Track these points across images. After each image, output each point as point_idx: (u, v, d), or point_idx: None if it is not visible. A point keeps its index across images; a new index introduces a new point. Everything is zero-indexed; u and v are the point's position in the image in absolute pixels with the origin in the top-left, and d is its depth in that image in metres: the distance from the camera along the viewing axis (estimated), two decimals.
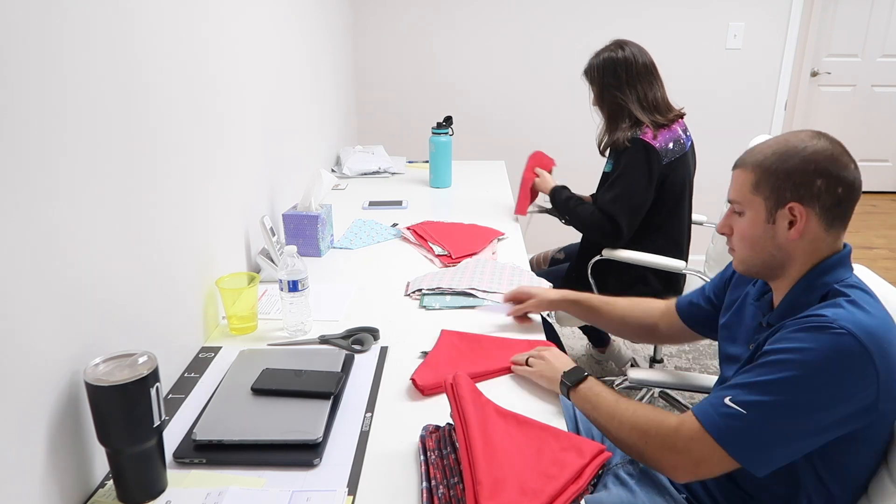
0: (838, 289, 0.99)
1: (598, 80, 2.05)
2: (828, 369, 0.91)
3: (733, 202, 1.08)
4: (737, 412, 0.94)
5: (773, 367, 0.94)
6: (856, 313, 0.93)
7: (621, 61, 2.01)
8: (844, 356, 0.90)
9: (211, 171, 1.41)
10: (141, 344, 1.07)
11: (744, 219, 1.06)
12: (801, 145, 1.00)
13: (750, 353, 1.10)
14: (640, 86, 2.02)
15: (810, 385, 0.91)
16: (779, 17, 3.23)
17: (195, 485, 0.95)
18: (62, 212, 0.88)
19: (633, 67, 2.01)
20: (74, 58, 0.90)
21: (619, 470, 1.24)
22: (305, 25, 2.33)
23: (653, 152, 1.97)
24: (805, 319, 0.96)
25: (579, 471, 0.94)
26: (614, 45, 2.06)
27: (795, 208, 1.00)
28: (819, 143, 1.00)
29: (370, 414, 1.12)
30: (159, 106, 1.16)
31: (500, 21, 3.30)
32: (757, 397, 0.94)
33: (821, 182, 0.98)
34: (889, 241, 4.32)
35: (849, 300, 0.96)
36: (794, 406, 0.92)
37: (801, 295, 1.03)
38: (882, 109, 4.95)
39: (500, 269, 1.68)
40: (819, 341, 0.92)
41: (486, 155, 3.37)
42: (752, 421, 0.94)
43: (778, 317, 1.06)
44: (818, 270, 1.02)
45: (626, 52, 2.02)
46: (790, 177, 0.99)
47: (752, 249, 1.06)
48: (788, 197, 1.00)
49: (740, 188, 1.06)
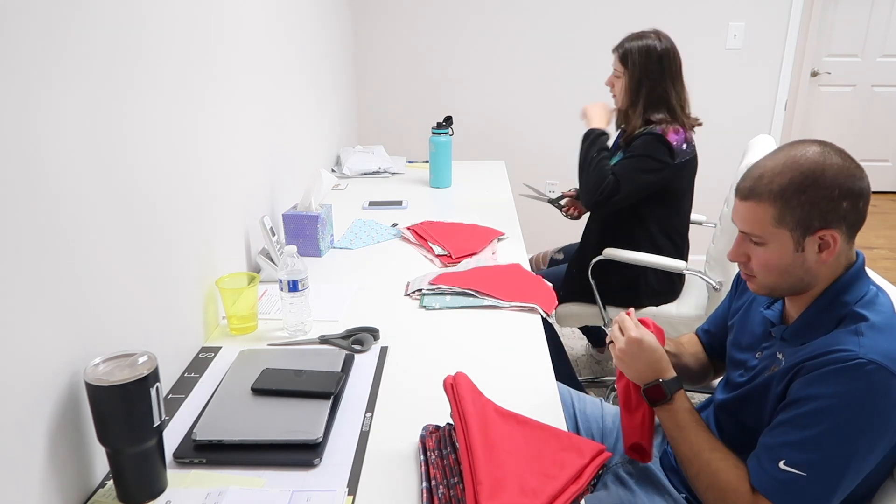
0: (856, 311, 0.97)
1: (640, 65, 1.97)
2: (867, 407, 0.90)
3: (751, 235, 1.02)
4: (796, 476, 0.93)
5: (815, 419, 0.92)
6: (879, 340, 0.92)
7: (665, 53, 1.96)
8: (881, 390, 0.90)
9: (211, 171, 1.41)
10: (141, 344, 1.07)
11: (766, 250, 1.01)
12: (816, 169, 0.95)
13: (759, 364, 1.09)
14: (678, 83, 1.99)
15: (856, 429, 0.91)
16: (779, 17, 3.23)
17: (195, 485, 0.95)
18: (62, 212, 0.88)
19: (675, 63, 1.97)
20: (75, 56, 0.90)
21: (619, 469, 1.24)
22: (305, 25, 2.33)
23: (669, 147, 1.95)
24: (832, 359, 0.93)
25: (579, 471, 0.94)
26: (653, 34, 1.99)
27: (827, 235, 0.97)
28: (831, 159, 0.96)
29: (370, 414, 1.12)
30: (159, 105, 1.16)
31: (501, 21, 3.30)
32: (810, 456, 0.93)
33: (846, 204, 0.95)
34: (889, 241, 4.32)
35: (869, 325, 0.95)
36: (846, 455, 0.92)
37: (818, 315, 1.01)
38: (882, 109, 4.94)
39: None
40: (853, 382, 0.90)
41: (486, 155, 3.37)
42: (812, 480, 0.93)
43: (793, 333, 1.04)
44: (837, 288, 1.00)
45: (666, 45, 1.97)
46: (816, 206, 0.95)
47: (779, 277, 1.02)
48: (817, 225, 0.96)
49: (760, 222, 1.00)
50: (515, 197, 2.47)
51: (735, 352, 1.19)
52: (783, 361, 1.02)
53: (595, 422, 1.39)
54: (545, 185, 3.54)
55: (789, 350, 1.03)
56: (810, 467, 0.93)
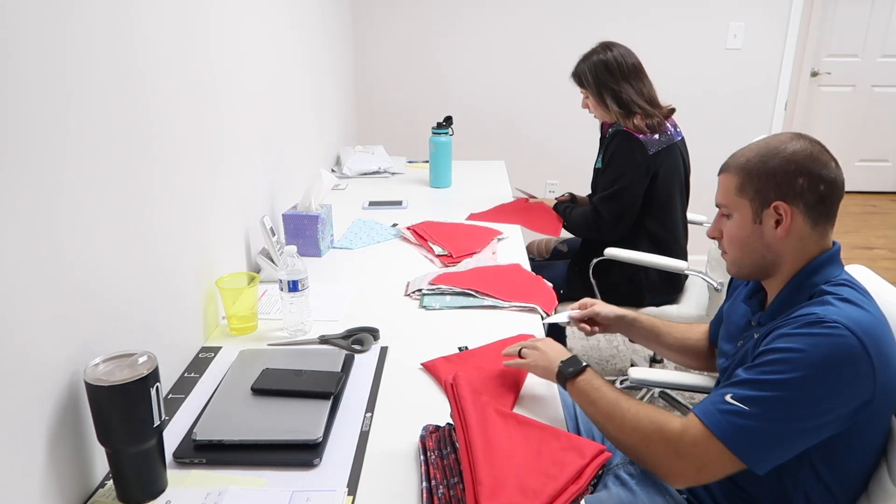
0: (825, 289, 1.00)
1: (593, 81, 2.09)
2: (827, 365, 0.91)
3: (720, 206, 1.11)
4: (739, 409, 0.94)
5: (773, 365, 0.94)
6: (848, 310, 0.95)
7: (611, 61, 2.08)
8: (842, 352, 0.91)
9: (211, 171, 1.41)
10: (141, 344, 1.07)
11: (732, 221, 1.09)
12: (780, 146, 1.03)
13: (738, 351, 1.11)
14: (632, 82, 2.08)
15: (811, 381, 0.92)
16: (779, 17, 3.23)
17: (195, 485, 0.95)
18: (63, 212, 0.88)
19: (623, 66, 2.07)
20: (76, 59, 0.90)
21: (620, 470, 1.24)
22: (305, 25, 2.33)
23: (636, 143, 2.02)
24: (799, 318, 0.96)
25: (579, 471, 0.94)
26: (601, 48, 2.12)
27: (780, 206, 1.02)
28: (798, 143, 1.03)
29: (370, 414, 1.12)
30: (159, 106, 1.16)
31: (501, 21, 3.30)
32: (759, 393, 0.94)
33: (802, 180, 1.01)
34: (889, 241, 4.32)
35: (839, 298, 0.97)
36: (796, 402, 0.92)
37: (790, 295, 1.05)
38: (882, 109, 4.94)
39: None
40: (816, 338, 0.92)
41: (486, 155, 3.37)
42: (755, 417, 0.94)
43: (768, 317, 1.07)
44: (807, 271, 1.04)
45: (614, 53, 2.09)
46: (772, 177, 1.02)
47: (741, 251, 1.09)
48: (772, 196, 1.03)
49: (726, 192, 1.09)
50: (514, 191, 2.47)
51: (722, 343, 1.23)
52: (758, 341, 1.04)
53: None
54: (545, 185, 3.54)
55: (763, 331, 1.05)
56: (754, 402, 0.93)
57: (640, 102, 2.06)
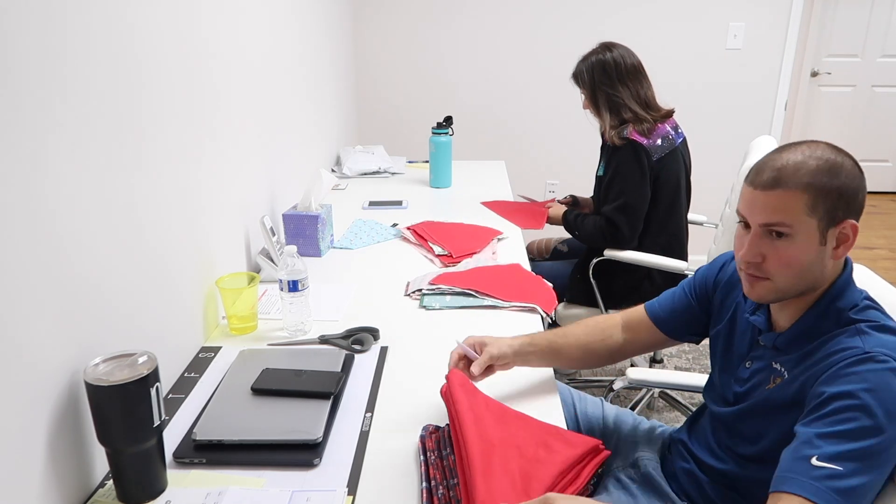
0: (854, 317, 0.96)
1: (588, 81, 2.09)
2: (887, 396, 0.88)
3: (780, 225, 0.96)
4: (833, 470, 0.86)
5: (842, 413, 0.89)
6: (883, 338, 0.92)
7: (610, 62, 2.06)
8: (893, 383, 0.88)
9: (211, 170, 1.40)
10: (141, 344, 1.07)
11: (792, 243, 0.96)
12: (838, 159, 0.95)
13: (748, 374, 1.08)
14: (631, 84, 2.06)
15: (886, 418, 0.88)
16: (779, 17, 3.23)
17: (195, 485, 0.95)
18: (62, 212, 0.88)
19: (621, 67, 2.06)
20: (74, 58, 0.90)
21: (620, 473, 1.23)
22: (305, 25, 2.33)
23: (642, 150, 2.00)
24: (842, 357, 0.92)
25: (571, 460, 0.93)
26: (601, 48, 2.11)
27: (848, 225, 0.95)
28: (844, 156, 0.97)
29: (370, 414, 1.12)
30: (159, 106, 1.16)
31: (501, 21, 3.30)
32: (845, 447, 0.87)
33: (861, 196, 0.96)
34: (889, 241, 4.32)
35: (873, 326, 0.94)
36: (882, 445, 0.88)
37: (816, 322, 1.00)
38: (882, 109, 4.94)
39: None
40: (871, 374, 0.89)
41: (486, 155, 3.37)
42: (852, 472, 0.87)
43: (788, 342, 1.02)
44: (830, 295, 0.99)
45: (613, 54, 2.07)
46: (843, 194, 0.94)
47: (798, 276, 0.97)
48: (841, 215, 0.95)
49: (791, 211, 0.95)
50: (515, 197, 2.47)
51: (723, 359, 1.16)
52: (785, 373, 1.00)
53: (596, 421, 1.38)
54: (545, 185, 3.54)
55: (787, 360, 1.01)
56: (844, 458, 0.87)
57: (633, 106, 2.04)
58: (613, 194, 2.07)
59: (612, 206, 2.06)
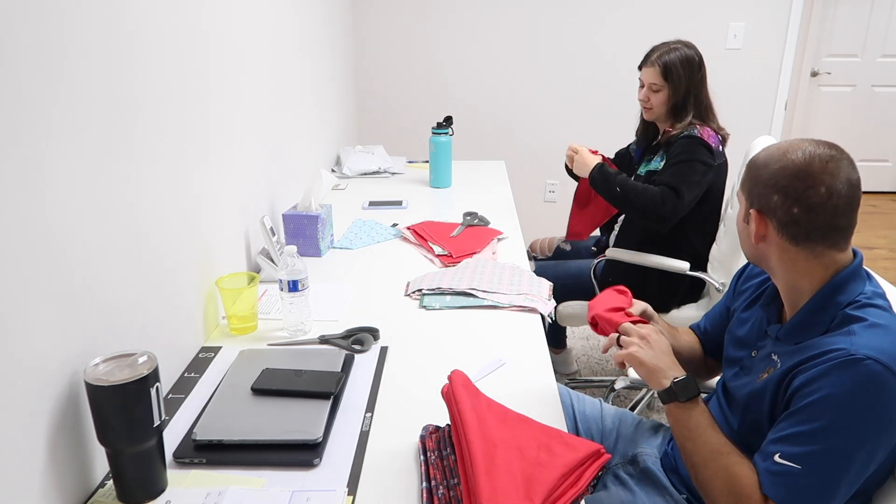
0: (849, 313, 0.97)
1: (685, 77, 1.99)
2: (863, 401, 0.89)
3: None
4: (791, 468, 0.92)
5: (811, 414, 0.92)
6: (871, 338, 0.92)
7: (701, 61, 2.01)
8: (874, 384, 0.89)
9: (211, 171, 1.41)
10: (141, 344, 1.07)
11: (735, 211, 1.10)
12: (776, 154, 1.01)
13: (752, 362, 1.09)
14: (704, 88, 2.04)
15: (851, 422, 0.90)
16: (779, 17, 3.23)
17: (195, 485, 0.95)
18: (62, 212, 0.88)
19: (703, 69, 2.02)
20: (72, 57, 0.90)
21: (619, 470, 1.24)
22: (305, 25, 2.33)
23: (709, 148, 1.97)
24: (827, 357, 0.93)
25: (573, 464, 0.93)
26: (681, 45, 2.03)
27: (752, 214, 1.03)
28: (795, 156, 0.98)
29: (370, 414, 1.12)
30: (158, 105, 1.16)
31: (501, 21, 3.30)
32: (805, 448, 0.92)
33: (777, 198, 0.99)
34: (889, 241, 4.32)
35: (864, 325, 0.94)
36: (843, 448, 0.91)
37: (811, 315, 1.01)
38: (882, 109, 4.94)
39: (500, 268, 1.68)
40: (847, 376, 0.90)
41: (486, 155, 3.37)
42: (807, 474, 0.92)
43: (787, 333, 1.04)
44: (829, 288, 1.00)
45: (698, 52, 2.02)
46: (756, 184, 1.03)
47: (740, 240, 1.12)
48: (753, 203, 1.04)
49: (741, 183, 1.09)
50: (515, 197, 2.47)
51: (731, 349, 1.19)
52: (779, 364, 1.02)
53: (595, 422, 1.38)
54: (545, 184, 3.54)
55: (783, 350, 1.03)
56: (803, 459, 0.92)
57: (713, 109, 2.01)
58: (680, 173, 1.94)
59: (674, 176, 1.94)
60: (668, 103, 2.03)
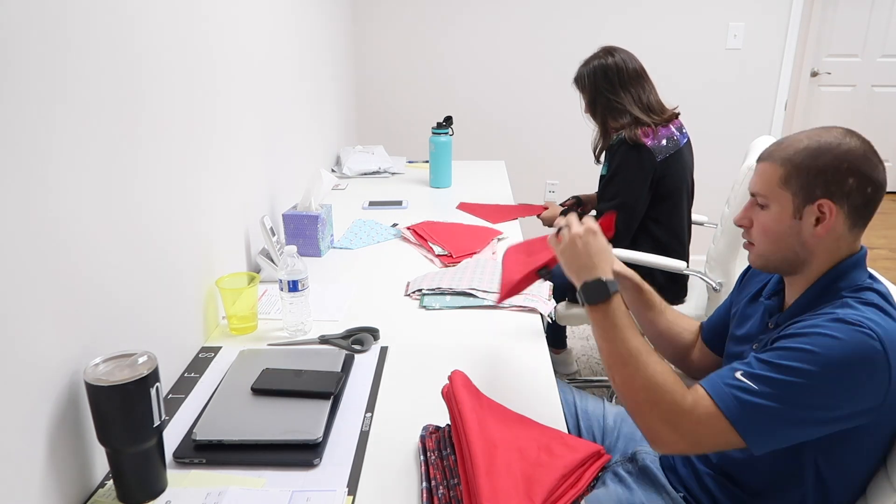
0: (847, 295, 0.97)
1: (589, 86, 2.10)
2: (847, 366, 0.89)
3: (757, 194, 1.05)
4: (747, 385, 0.92)
5: (791, 352, 0.92)
6: (865, 311, 0.93)
7: (612, 67, 2.07)
8: (864, 353, 0.89)
9: (211, 171, 1.41)
10: (141, 344, 1.07)
11: (767, 213, 1.03)
12: (834, 142, 0.99)
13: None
14: (633, 89, 2.07)
15: (827, 375, 0.89)
16: (779, 17, 3.23)
17: (195, 485, 0.95)
18: (62, 212, 0.88)
19: (623, 72, 2.07)
20: (75, 55, 0.90)
21: (618, 468, 1.24)
22: (305, 25, 2.33)
23: (645, 151, 2.01)
24: (826, 312, 0.94)
25: (573, 465, 0.93)
26: (603, 52, 2.11)
27: (825, 205, 0.98)
28: (852, 141, 0.99)
29: (370, 414, 1.12)
30: (159, 106, 1.16)
31: (501, 21, 3.30)
32: (771, 375, 0.91)
33: (853, 181, 0.97)
34: (889, 241, 4.32)
35: (861, 301, 0.95)
36: (807, 391, 0.90)
37: (815, 299, 1.01)
38: (882, 109, 4.94)
39: (500, 268, 1.68)
40: (846, 335, 0.90)
41: (486, 155, 3.37)
42: (762, 395, 0.91)
43: (787, 317, 1.04)
44: (834, 273, 1.01)
45: (615, 58, 2.08)
46: (822, 173, 0.98)
47: (774, 244, 1.04)
48: (819, 193, 0.98)
49: (767, 182, 1.03)
50: (515, 197, 2.47)
51: (732, 344, 1.19)
52: None
53: (596, 420, 1.39)
54: (545, 185, 3.54)
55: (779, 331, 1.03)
56: (764, 382, 0.91)
57: (635, 111, 2.04)
58: (610, 193, 2.09)
59: (608, 203, 2.08)
60: (588, 111, 2.18)
